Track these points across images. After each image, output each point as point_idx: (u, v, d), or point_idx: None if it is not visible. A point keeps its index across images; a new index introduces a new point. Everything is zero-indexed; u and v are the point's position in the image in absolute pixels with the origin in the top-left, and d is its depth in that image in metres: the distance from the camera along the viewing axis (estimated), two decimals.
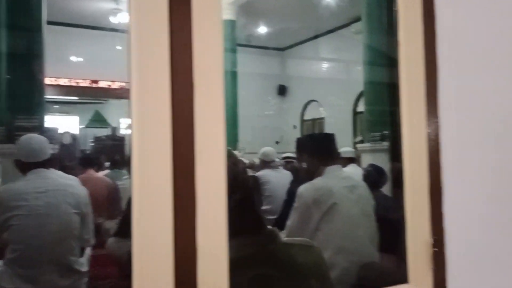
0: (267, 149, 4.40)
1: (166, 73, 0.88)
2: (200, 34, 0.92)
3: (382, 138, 4.30)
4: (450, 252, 1.27)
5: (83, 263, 2.23)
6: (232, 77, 9.10)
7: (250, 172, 4.42)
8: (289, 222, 1.94)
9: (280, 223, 2.19)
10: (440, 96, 1.28)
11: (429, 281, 1.23)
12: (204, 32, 0.92)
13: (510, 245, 1.42)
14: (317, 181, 2.00)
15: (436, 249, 1.24)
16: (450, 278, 1.26)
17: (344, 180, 2.04)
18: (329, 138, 2.22)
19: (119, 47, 8.16)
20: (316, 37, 9.98)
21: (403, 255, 1.25)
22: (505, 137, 1.43)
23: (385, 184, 2.49)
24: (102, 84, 10.60)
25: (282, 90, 11.86)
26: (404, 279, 1.22)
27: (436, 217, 1.25)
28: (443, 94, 1.29)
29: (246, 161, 5.09)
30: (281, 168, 4.57)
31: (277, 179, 3.99)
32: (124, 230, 1.20)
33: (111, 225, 2.70)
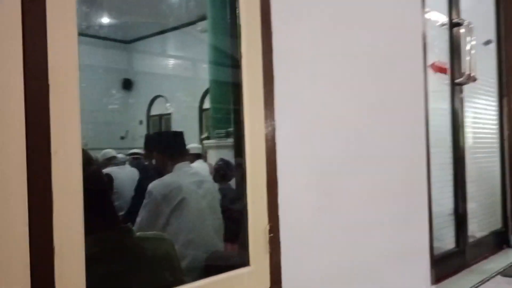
0: (105, 150, 4.70)
1: (19, 71, 0.87)
2: (53, 28, 0.93)
3: (227, 135, 4.53)
4: (284, 237, 1.47)
5: None
6: None
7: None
8: (139, 218, 1.99)
9: (128, 219, 2.21)
10: (276, 101, 1.47)
11: (266, 263, 1.42)
12: (58, 27, 0.94)
13: (335, 229, 1.69)
14: (167, 178, 2.08)
15: (272, 234, 1.42)
16: (284, 259, 1.46)
17: (192, 176, 2.16)
18: (178, 136, 2.31)
19: None
20: (162, 32, 9.92)
21: (245, 241, 1.41)
22: (330, 138, 1.70)
23: (233, 177, 2.67)
24: None
25: (127, 84, 11.51)
26: (246, 263, 1.39)
27: (272, 206, 1.44)
28: (278, 100, 1.48)
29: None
30: (126, 165, 4.52)
31: (123, 176, 3.95)
32: None
33: None
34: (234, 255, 1.56)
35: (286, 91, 1.51)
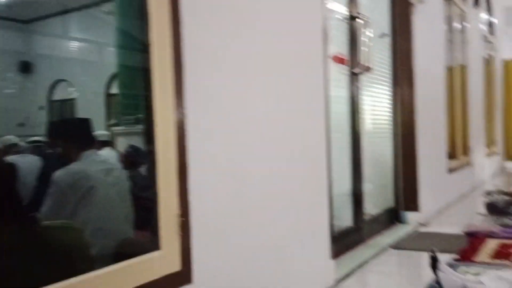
0: (4, 137, 4.31)
1: None
2: None
3: (136, 122, 4.43)
4: (195, 221, 1.53)
5: None
6: None
7: None
8: (44, 208, 1.92)
9: (32, 209, 2.13)
10: (187, 90, 1.51)
11: (177, 247, 1.47)
12: None
13: (244, 212, 1.78)
14: (73, 166, 2.03)
15: (183, 219, 1.48)
16: (195, 242, 1.53)
17: (100, 163, 2.13)
18: (85, 123, 2.26)
19: None
20: (65, 12, 9.34)
21: (156, 226, 1.45)
22: (239, 126, 1.78)
23: (144, 164, 2.64)
24: None
25: (25, 67, 10.73)
26: (156, 247, 1.43)
27: (183, 192, 1.49)
28: (190, 89, 1.52)
29: None
30: (27, 153, 4.27)
31: (24, 165, 3.74)
32: None
33: None
34: (145, 240, 1.59)
35: (198, 80, 1.56)
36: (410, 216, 3.77)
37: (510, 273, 2.22)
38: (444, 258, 2.41)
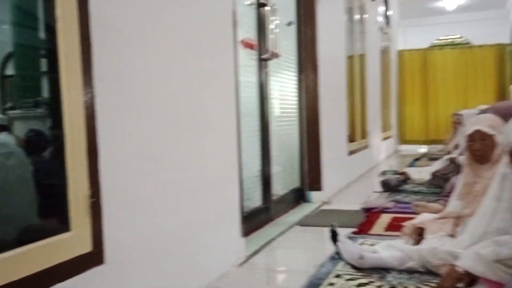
0: None
1: None
2: None
3: (37, 105, 4.19)
4: (107, 202, 1.52)
5: None
6: None
7: None
8: None
9: None
10: (95, 69, 1.48)
11: (88, 227, 1.46)
12: None
13: (158, 193, 1.79)
14: None
15: (93, 199, 1.46)
16: (106, 223, 1.52)
17: None
18: None
19: None
20: None
21: (65, 208, 1.42)
22: (153, 106, 1.77)
23: (47, 149, 2.52)
24: None
25: None
26: (66, 229, 1.41)
27: (93, 173, 1.48)
28: (98, 68, 1.49)
29: None
30: None
31: None
32: None
33: None
34: (53, 223, 1.54)
35: (106, 58, 1.53)
36: (314, 195, 4.00)
37: (399, 242, 2.47)
38: (344, 232, 2.61)
